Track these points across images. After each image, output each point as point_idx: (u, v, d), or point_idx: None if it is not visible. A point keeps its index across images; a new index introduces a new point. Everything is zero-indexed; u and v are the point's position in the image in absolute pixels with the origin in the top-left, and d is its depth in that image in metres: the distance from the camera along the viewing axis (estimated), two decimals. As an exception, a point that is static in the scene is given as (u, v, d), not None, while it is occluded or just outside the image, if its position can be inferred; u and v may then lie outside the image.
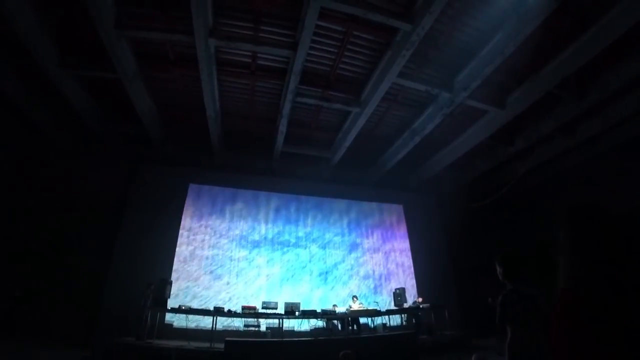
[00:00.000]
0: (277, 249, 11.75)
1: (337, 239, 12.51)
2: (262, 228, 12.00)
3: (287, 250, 11.83)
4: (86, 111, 10.38)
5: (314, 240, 12.26)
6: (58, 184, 10.86)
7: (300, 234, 12.27)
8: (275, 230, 12.10)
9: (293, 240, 12.06)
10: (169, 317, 9.58)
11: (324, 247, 12.20)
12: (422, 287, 12.07)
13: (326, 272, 11.75)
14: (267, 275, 11.20)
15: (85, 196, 10.82)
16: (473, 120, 10.58)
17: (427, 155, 12.62)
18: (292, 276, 11.39)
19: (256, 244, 11.66)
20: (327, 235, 12.47)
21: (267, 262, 11.44)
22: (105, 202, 10.98)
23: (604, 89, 8.64)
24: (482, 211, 12.91)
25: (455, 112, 10.00)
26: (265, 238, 11.85)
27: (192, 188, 11.98)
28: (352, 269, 12.05)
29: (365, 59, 8.85)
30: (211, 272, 10.84)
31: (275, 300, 9.70)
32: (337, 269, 11.92)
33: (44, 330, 8.65)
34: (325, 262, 11.93)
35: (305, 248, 12.04)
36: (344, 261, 12.12)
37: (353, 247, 12.49)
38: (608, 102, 9.37)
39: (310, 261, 11.82)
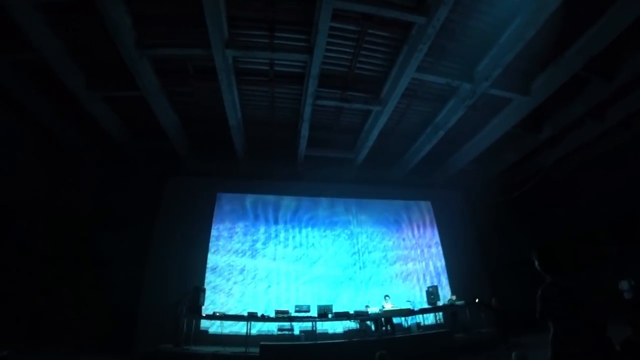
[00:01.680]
0: (307, 252, 11.79)
1: (366, 239, 12.41)
2: (290, 232, 12.09)
3: (317, 253, 11.84)
4: (114, 130, 10.88)
5: (343, 242, 12.22)
6: (93, 200, 11.46)
7: (328, 236, 12.26)
8: (303, 233, 12.15)
9: (322, 243, 12.07)
10: (204, 324, 9.82)
11: (353, 248, 12.14)
12: (455, 284, 11.79)
13: (357, 273, 11.68)
14: (298, 279, 11.25)
15: (118, 211, 11.30)
16: (497, 110, 10.27)
17: (452, 149, 12.38)
18: (323, 278, 11.38)
19: (286, 248, 11.74)
20: (356, 236, 12.40)
21: (298, 265, 11.49)
22: (137, 215, 11.37)
23: (633, 68, 8.21)
24: (512, 204, 12.50)
25: (478, 103, 9.75)
26: (294, 242, 11.92)
27: (220, 197, 12.23)
28: (382, 268, 11.93)
29: (382, 56, 8.79)
30: (243, 278, 10.99)
31: (308, 304, 9.73)
32: (368, 269, 11.83)
33: (85, 339, 9.03)
34: (355, 263, 11.87)
35: (335, 250, 12.02)
36: (374, 261, 12.01)
37: (383, 246, 12.36)
38: (638, 82, 8.89)
39: (340, 263, 11.79)
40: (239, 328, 9.56)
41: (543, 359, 2.69)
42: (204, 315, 9.24)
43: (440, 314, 10.47)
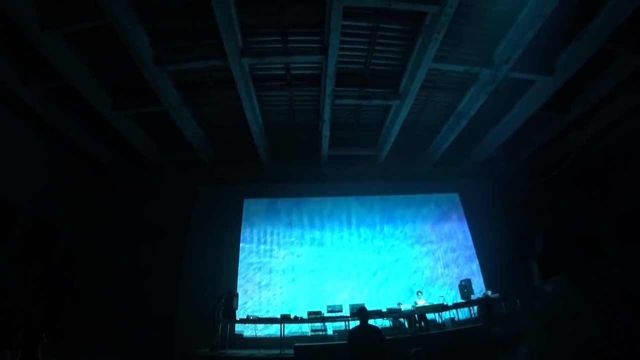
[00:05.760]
0: (336, 252, 11.78)
1: (395, 235, 12.25)
2: (318, 233, 12.12)
3: (347, 252, 11.80)
4: (142, 145, 11.36)
5: (371, 240, 12.11)
6: (127, 214, 11.97)
7: (357, 234, 12.20)
8: (333, 234, 12.15)
9: (351, 242, 12.03)
10: (238, 327, 10.04)
11: (383, 246, 12.01)
12: (488, 277, 11.37)
13: (388, 270, 11.54)
14: (329, 279, 11.25)
15: (151, 222, 11.77)
16: (521, 93, 9.85)
17: (477, 137, 11.98)
18: (355, 277, 11.33)
19: (315, 250, 11.79)
20: (385, 233, 12.26)
21: (328, 265, 11.50)
22: (170, 225, 11.81)
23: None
24: (545, 189, 11.93)
25: (500, 88, 9.40)
26: (323, 243, 11.95)
27: (247, 203, 12.45)
28: (414, 264, 11.73)
29: (397, 49, 8.67)
30: (274, 281, 11.15)
31: (340, 303, 9.75)
32: (399, 265, 11.67)
33: (126, 346, 9.40)
34: (386, 260, 11.73)
35: (364, 248, 11.94)
36: (405, 257, 11.84)
37: (412, 242, 12.15)
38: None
39: (370, 261, 11.69)
40: (273, 330, 9.70)
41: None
42: (238, 319, 9.44)
43: (475, 308, 10.19)
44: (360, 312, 5.30)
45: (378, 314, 9.23)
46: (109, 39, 7.56)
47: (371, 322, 9.56)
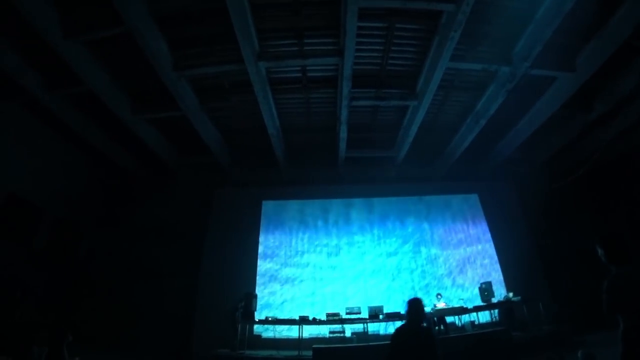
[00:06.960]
0: (354, 254, 11.74)
1: (414, 237, 12.12)
2: (336, 235, 12.10)
3: (364, 254, 11.74)
4: (160, 148, 11.63)
5: (389, 242, 12.01)
6: (145, 216, 12.24)
7: (375, 236, 12.12)
8: (350, 235, 12.11)
9: (368, 244, 11.96)
10: (257, 328, 10.10)
11: (401, 248, 11.90)
12: (509, 280, 11.08)
13: (407, 272, 11.43)
14: (347, 280, 11.20)
15: (169, 224, 11.97)
16: (541, 92, 9.61)
17: (496, 138, 11.77)
18: (372, 279, 11.26)
19: (332, 251, 11.78)
20: (403, 235, 12.14)
21: (346, 267, 11.47)
22: (188, 227, 11.98)
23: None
24: (567, 190, 11.59)
25: (519, 86, 9.13)
26: (340, 244, 11.93)
27: (266, 205, 12.54)
28: (433, 266, 11.58)
29: (413, 49, 8.61)
30: (293, 283, 11.18)
31: (358, 305, 9.71)
32: (418, 267, 11.54)
33: (145, 347, 9.53)
34: (405, 262, 11.62)
35: (382, 250, 11.85)
36: (424, 259, 11.70)
37: (431, 243, 12.00)
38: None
39: (388, 262, 11.60)
40: (291, 332, 9.74)
41: (613, 358, 2.50)
42: (257, 320, 9.53)
43: (496, 311, 9.97)
44: (412, 306, 3.36)
45: (397, 316, 9.14)
46: (128, 46, 7.75)
47: (389, 324, 9.67)
